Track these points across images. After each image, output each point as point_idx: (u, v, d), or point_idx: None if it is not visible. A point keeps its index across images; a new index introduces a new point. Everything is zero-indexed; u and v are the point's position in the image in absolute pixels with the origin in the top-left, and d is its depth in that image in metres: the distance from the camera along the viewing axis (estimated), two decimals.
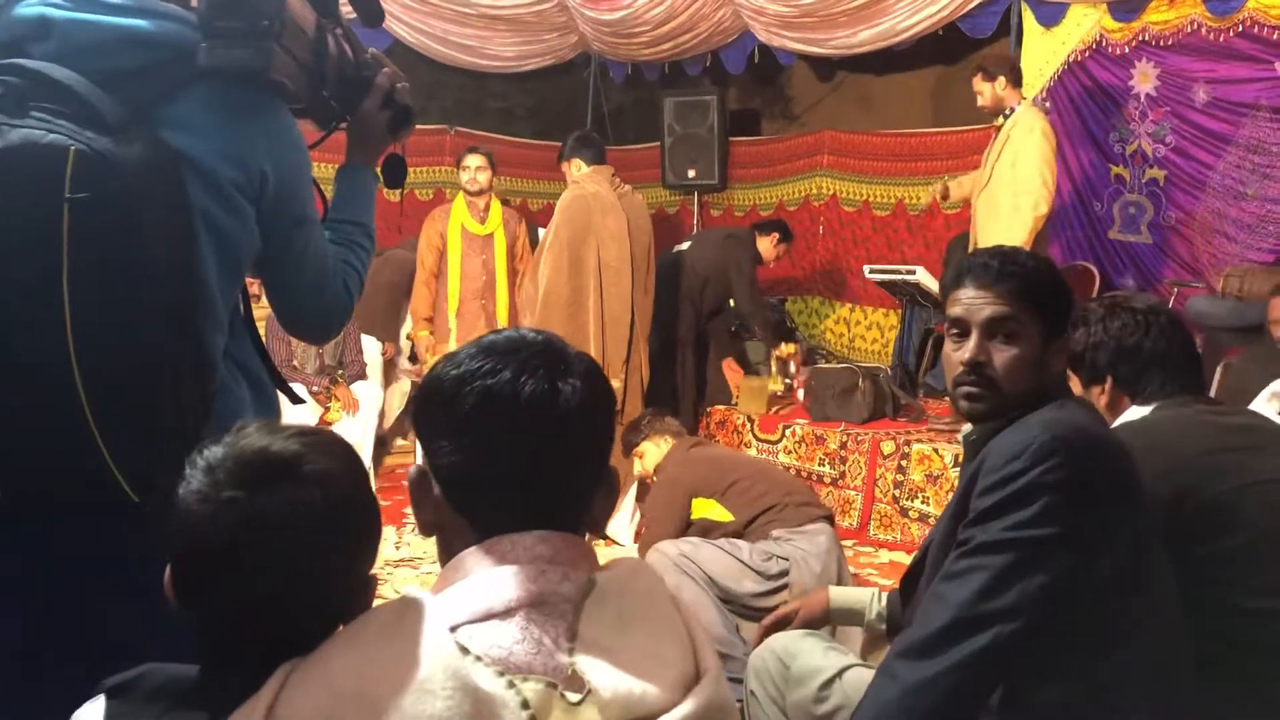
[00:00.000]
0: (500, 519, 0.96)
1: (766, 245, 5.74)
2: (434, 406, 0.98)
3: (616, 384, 4.67)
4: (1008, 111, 4.65)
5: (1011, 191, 4.50)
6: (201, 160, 1.33)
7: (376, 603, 1.03)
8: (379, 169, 1.71)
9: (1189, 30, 5.05)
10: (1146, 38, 5.22)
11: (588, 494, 1.00)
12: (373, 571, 1.06)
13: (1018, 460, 1.39)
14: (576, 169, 4.73)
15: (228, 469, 0.98)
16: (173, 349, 1.29)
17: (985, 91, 4.68)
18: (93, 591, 1.32)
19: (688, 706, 0.90)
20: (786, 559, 3.13)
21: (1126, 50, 5.31)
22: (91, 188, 1.19)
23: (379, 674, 0.85)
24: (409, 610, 0.91)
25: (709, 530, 3.36)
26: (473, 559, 0.94)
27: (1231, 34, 4.91)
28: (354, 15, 1.67)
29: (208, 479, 0.98)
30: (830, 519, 3.36)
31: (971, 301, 1.58)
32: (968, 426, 1.68)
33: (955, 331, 1.61)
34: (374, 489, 1.12)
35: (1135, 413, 1.88)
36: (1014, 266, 1.57)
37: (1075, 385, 1.96)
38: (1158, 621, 1.45)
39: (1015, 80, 4.68)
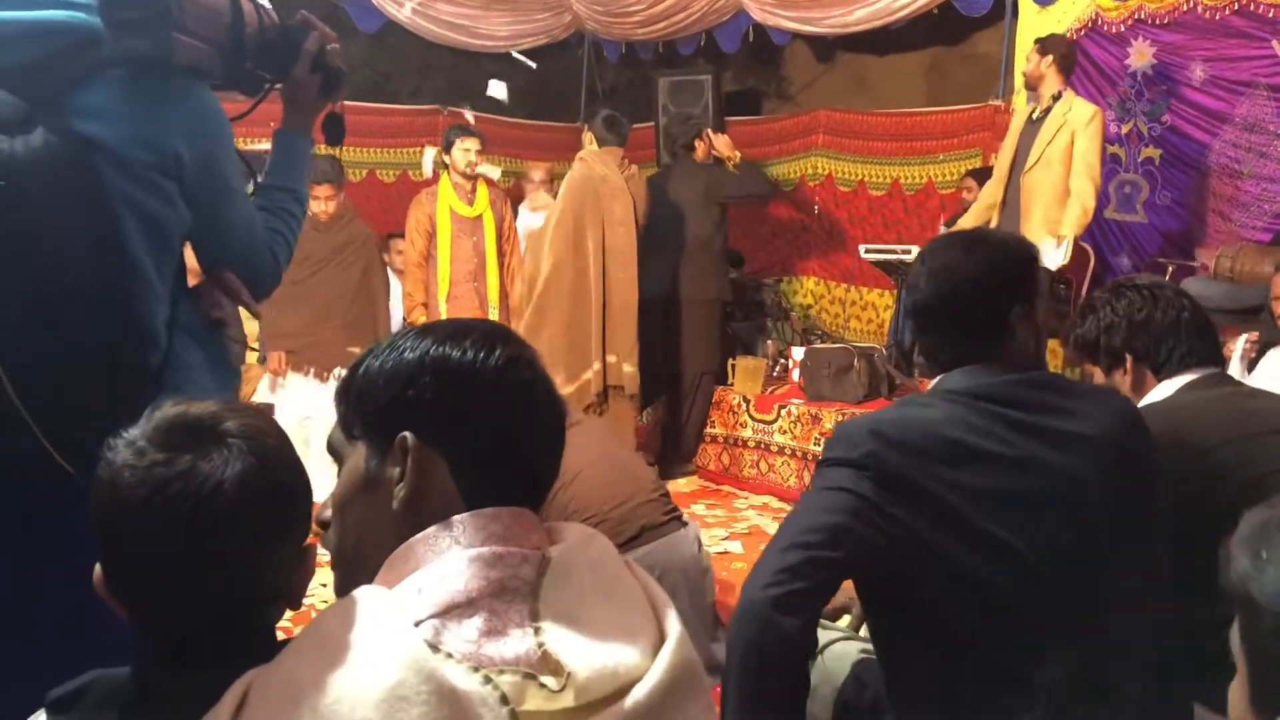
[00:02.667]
0: (497, 497, 0.95)
1: (701, 151, 5.57)
2: (460, 390, 0.96)
3: (630, 369, 4.66)
4: (1055, 95, 4.63)
5: (1062, 177, 4.52)
6: (113, 146, 1.35)
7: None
8: (320, 128, 1.74)
9: (1185, 8, 5.02)
10: (1142, 16, 5.20)
11: (554, 473, 1.04)
12: (308, 542, 1.04)
13: (833, 446, 1.57)
14: (589, 141, 4.74)
15: (149, 437, 0.97)
16: (103, 325, 1.33)
17: (1033, 61, 4.68)
18: (44, 564, 1.34)
19: (657, 672, 0.89)
20: None
21: (1123, 28, 5.28)
22: None
23: (349, 684, 0.81)
24: (368, 608, 0.87)
25: None
26: (422, 547, 0.91)
27: (1228, 12, 4.89)
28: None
29: (131, 450, 0.96)
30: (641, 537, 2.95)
31: None
32: None
33: None
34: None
35: (1162, 390, 1.87)
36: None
37: (1098, 376, 1.96)
38: (1085, 636, 1.49)
39: (1064, 67, 4.68)
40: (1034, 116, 4.73)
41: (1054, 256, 4.45)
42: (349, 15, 6.38)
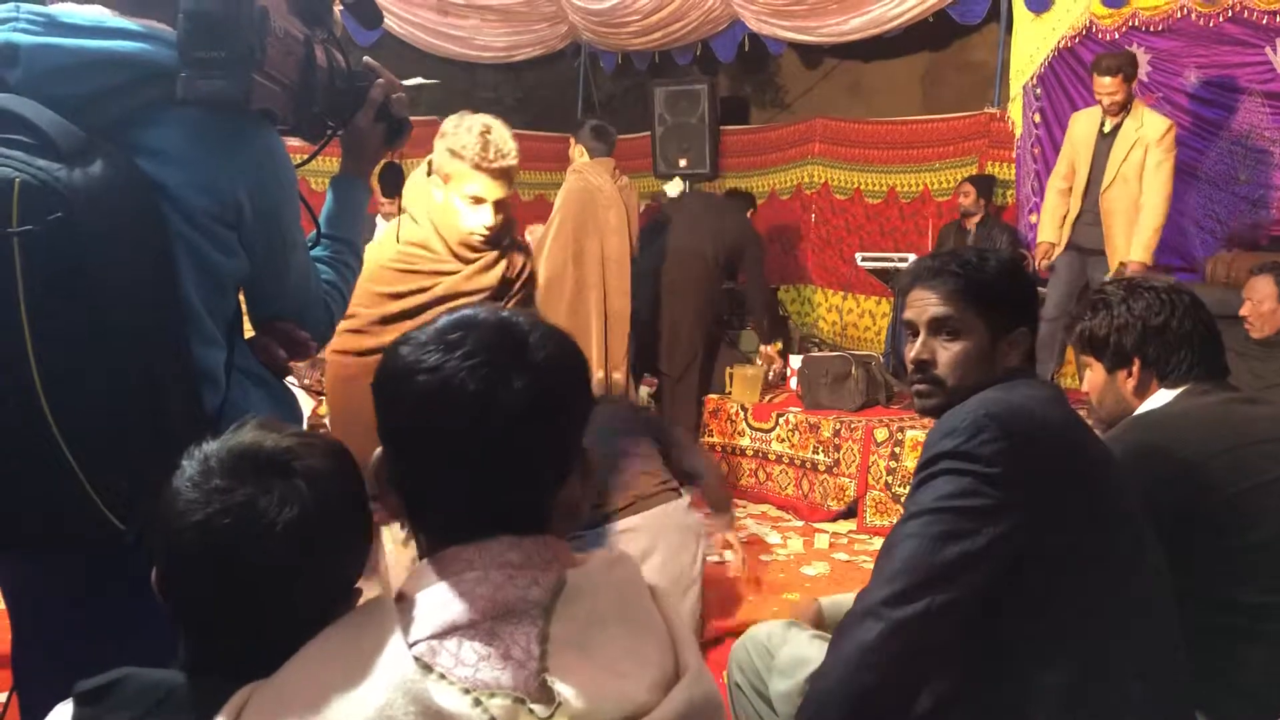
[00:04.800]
0: (444, 522, 0.92)
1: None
2: (379, 400, 0.92)
3: (619, 376, 4.68)
4: (1127, 108, 4.60)
5: (1138, 193, 4.53)
6: (174, 189, 1.29)
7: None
8: (375, 177, 1.66)
9: (1179, 15, 5.05)
10: (1136, 23, 5.22)
11: (545, 491, 0.93)
12: (358, 585, 1.04)
13: (951, 436, 1.43)
14: (579, 154, 4.76)
15: (220, 459, 0.98)
16: (153, 369, 1.26)
17: (1121, 93, 4.55)
18: (92, 622, 1.30)
19: (668, 706, 0.86)
20: None
21: (1117, 36, 5.31)
22: (38, 218, 1.16)
23: (339, 702, 0.82)
24: (368, 626, 0.87)
25: None
26: (437, 568, 0.90)
27: (1221, 19, 4.91)
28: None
29: (200, 468, 0.98)
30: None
31: (917, 302, 1.65)
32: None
33: (909, 333, 1.68)
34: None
35: (1161, 397, 1.85)
36: (956, 267, 1.62)
37: (1099, 372, 1.94)
38: (1092, 640, 1.43)
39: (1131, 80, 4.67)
40: (1105, 130, 4.68)
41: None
42: (351, 37, 6.40)
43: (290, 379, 5.62)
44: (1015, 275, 1.65)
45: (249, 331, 1.53)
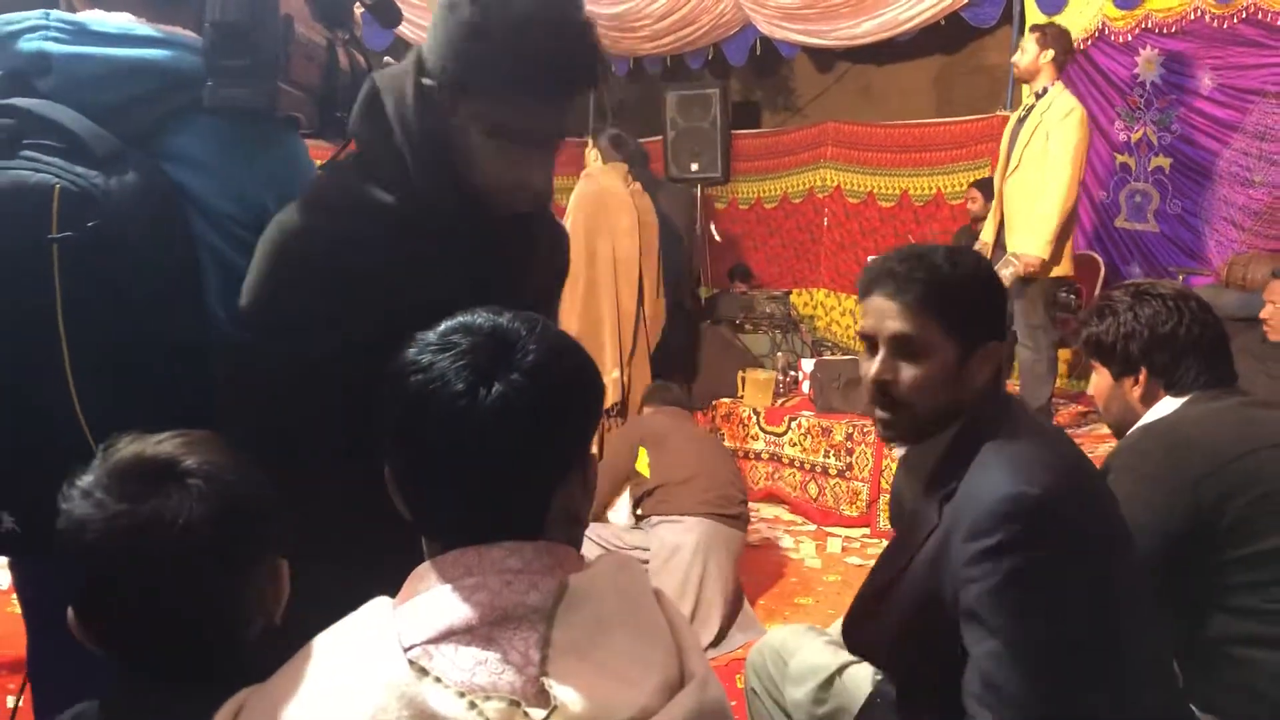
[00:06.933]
0: (445, 525, 0.92)
1: None
2: (380, 397, 0.93)
3: (616, 376, 4.70)
4: (1039, 91, 4.23)
5: (1040, 179, 4.11)
6: (200, 195, 1.30)
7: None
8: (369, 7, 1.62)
9: (1192, 17, 5.03)
10: (1150, 25, 5.20)
11: (540, 495, 0.92)
12: (281, 558, 1.05)
13: (1011, 523, 1.28)
14: (594, 158, 4.79)
15: (106, 486, 0.96)
16: (180, 375, 1.28)
17: (1030, 53, 4.20)
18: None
19: (671, 716, 0.85)
20: (648, 549, 3.44)
21: (1130, 38, 5.29)
22: (77, 225, 1.18)
23: (333, 706, 0.82)
24: (365, 630, 0.87)
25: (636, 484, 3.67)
26: (437, 571, 0.89)
27: (1235, 20, 4.89)
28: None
29: (92, 503, 0.96)
30: (726, 516, 3.52)
31: (875, 311, 1.45)
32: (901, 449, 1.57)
33: (866, 344, 1.49)
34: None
35: (1169, 404, 1.83)
36: (921, 273, 1.41)
37: (1105, 377, 1.92)
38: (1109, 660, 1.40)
39: (1060, 63, 4.24)
40: (1020, 116, 4.33)
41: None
42: (362, 43, 6.41)
43: None
44: (988, 281, 1.46)
45: None
